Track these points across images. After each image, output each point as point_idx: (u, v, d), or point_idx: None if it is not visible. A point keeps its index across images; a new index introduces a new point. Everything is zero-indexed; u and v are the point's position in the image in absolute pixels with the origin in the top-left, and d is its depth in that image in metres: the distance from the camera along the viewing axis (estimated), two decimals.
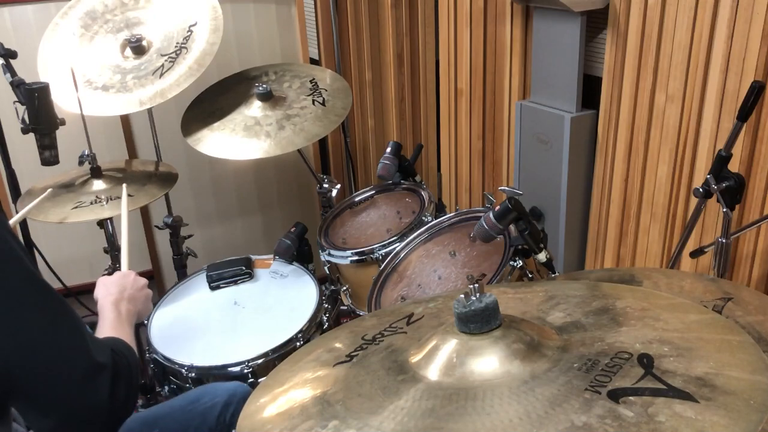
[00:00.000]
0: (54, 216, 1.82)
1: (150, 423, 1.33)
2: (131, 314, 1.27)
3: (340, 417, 0.78)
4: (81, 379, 0.96)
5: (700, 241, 1.66)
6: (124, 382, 1.01)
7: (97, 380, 0.97)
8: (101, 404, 0.97)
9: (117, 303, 1.26)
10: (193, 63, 2.02)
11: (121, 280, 1.32)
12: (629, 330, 0.82)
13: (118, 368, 1.00)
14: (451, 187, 2.57)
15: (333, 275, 1.99)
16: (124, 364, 1.03)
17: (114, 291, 1.28)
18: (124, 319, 1.24)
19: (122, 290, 1.29)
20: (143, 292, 1.35)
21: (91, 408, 0.97)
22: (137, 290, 1.33)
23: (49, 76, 1.99)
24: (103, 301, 1.26)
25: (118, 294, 1.28)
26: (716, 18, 1.53)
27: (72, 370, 0.96)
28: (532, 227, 1.42)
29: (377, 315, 1.08)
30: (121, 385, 1.00)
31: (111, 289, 1.29)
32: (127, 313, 1.26)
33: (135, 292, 1.32)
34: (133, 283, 1.33)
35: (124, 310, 1.26)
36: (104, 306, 1.25)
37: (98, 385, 0.97)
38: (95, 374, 0.98)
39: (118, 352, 1.05)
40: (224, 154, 2.04)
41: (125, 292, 1.29)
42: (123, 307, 1.26)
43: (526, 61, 2.10)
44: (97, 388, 0.97)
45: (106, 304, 1.25)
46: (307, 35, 2.79)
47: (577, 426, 0.66)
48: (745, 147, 1.53)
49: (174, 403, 1.42)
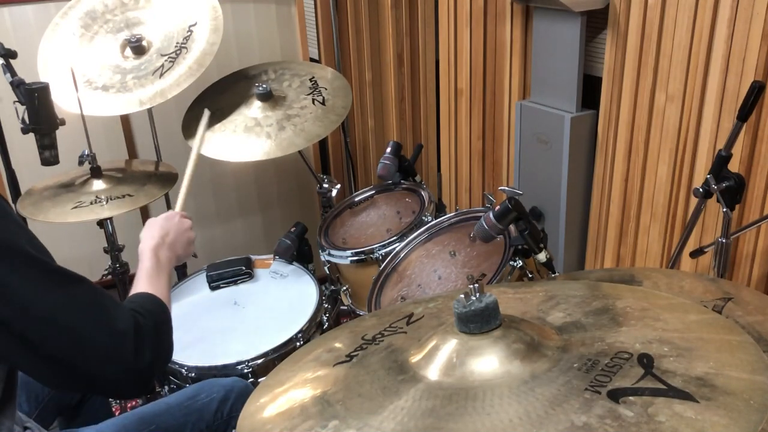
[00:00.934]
0: (54, 216, 1.82)
1: (147, 420, 1.33)
2: (170, 261, 1.27)
3: (340, 417, 0.78)
4: (104, 351, 0.96)
5: (700, 241, 1.66)
6: (149, 343, 1.01)
7: (120, 348, 0.97)
8: (127, 369, 0.98)
9: (157, 249, 1.25)
10: (193, 63, 2.02)
11: (165, 223, 1.32)
12: (629, 330, 0.82)
13: (140, 331, 1.00)
14: (451, 187, 2.57)
15: (333, 275, 1.99)
16: (149, 326, 1.02)
17: (156, 235, 1.28)
18: (162, 267, 1.23)
19: (165, 234, 1.29)
20: (185, 235, 1.34)
21: (118, 374, 0.98)
22: (180, 233, 1.32)
23: (49, 76, 1.99)
24: (144, 245, 1.26)
25: (160, 239, 1.27)
26: (716, 18, 1.53)
27: (93, 343, 0.96)
28: (532, 227, 1.42)
29: (377, 315, 1.08)
30: (145, 348, 1.00)
31: (154, 232, 1.28)
32: (166, 260, 1.25)
33: (177, 236, 1.31)
34: (178, 225, 1.33)
35: (164, 257, 1.25)
36: (144, 251, 1.25)
37: (122, 354, 0.97)
38: (118, 343, 0.97)
39: (143, 312, 1.04)
40: (225, 156, 2.04)
41: (168, 236, 1.29)
42: (163, 253, 1.25)
43: (526, 61, 2.10)
44: (121, 356, 0.97)
45: (146, 249, 1.25)
46: (307, 35, 2.79)
47: (577, 426, 0.66)
48: (745, 147, 1.53)
49: (171, 399, 1.42)
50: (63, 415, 1.59)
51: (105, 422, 1.32)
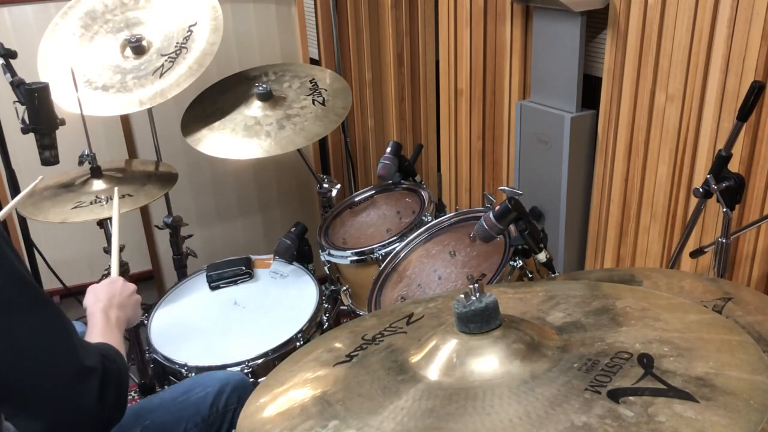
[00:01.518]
0: (54, 216, 1.82)
1: (142, 415, 1.32)
2: (121, 320, 1.27)
3: (340, 417, 0.78)
4: (69, 383, 0.96)
5: (700, 241, 1.66)
6: (113, 386, 1.01)
7: (85, 384, 0.97)
8: (90, 408, 0.97)
9: (106, 309, 1.25)
10: (193, 63, 2.02)
11: (109, 287, 1.31)
12: (629, 330, 0.82)
13: (107, 372, 1.00)
14: (451, 187, 2.57)
15: (333, 275, 1.99)
16: (114, 369, 1.03)
17: (103, 298, 1.28)
18: (114, 325, 1.23)
19: (111, 297, 1.29)
20: (132, 298, 1.34)
21: (80, 412, 0.97)
22: (126, 297, 1.32)
23: (49, 76, 1.99)
24: (93, 308, 1.26)
25: (107, 301, 1.27)
26: (716, 18, 1.53)
27: (60, 373, 0.95)
28: (532, 227, 1.42)
29: (377, 315, 1.08)
30: (110, 390, 1.00)
31: (100, 296, 1.28)
32: (116, 319, 1.25)
33: (124, 298, 1.31)
34: (122, 289, 1.33)
35: (114, 316, 1.25)
36: (93, 313, 1.25)
37: (87, 389, 0.97)
38: (84, 378, 0.97)
39: (108, 356, 1.05)
40: (224, 154, 2.04)
41: (114, 298, 1.29)
42: (112, 313, 1.25)
43: (526, 61, 2.10)
44: (86, 392, 0.97)
45: (95, 311, 1.25)
46: (307, 35, 2.79)
47: (577, 426, 0.66)
48: (745, 147, 1.53)
49: (166, 394, 1.42)
50: None
51: None
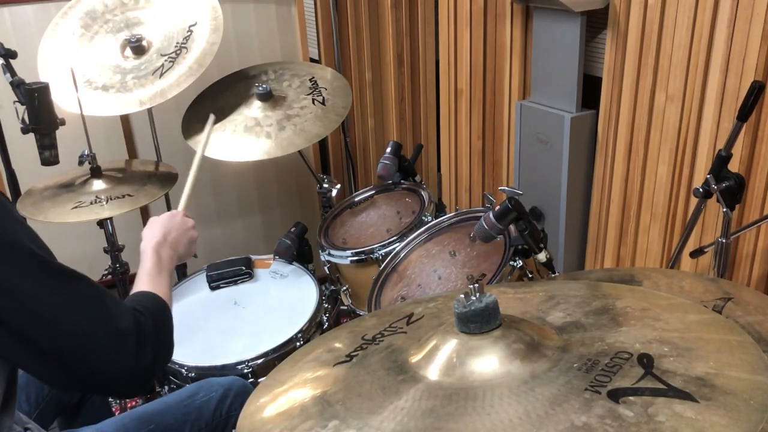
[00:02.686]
0: (54, 216, 1.82)
1: (146, 419, 1.33)
2: (172, 260, 1.27)
3: (340, 417, 0.78)
4: (105, 350, 0.96)
5: (700, 241, 1.66)
6: (149, 342, 1.01)
7: (121, 347, 0.97)
8: (128, 368, 0.98)
9: (159, 247, 1.25)
10: (193, 63, 2.02)
11: (168, 221, 1.31)
12: (629, 330, 0.82)
13: (141, 330, 1.00)
14: (451, 187, 2.57)
15: (333, 275, 1.99)
16: (149, 324, 1.02)
17: (158, 234, 1.27)
18: (164, 266, 1.23)
19: (167, 233, 1.28)
20: (188, 234, 1.34)
21: (119, 373, 0.98)
22: (182, 232, 1.32)
23: (49, 76, 1.99)
24: (146, 244, 1.26)
25: (162, 237, 1.27)
26: (716, 18, 1.53)
27: (94, 342, 0.96)
28: (532, 227, 1.42)
29: (377, 315, 1.08)
30: (146, 347, 1.00)
31: (156, 231, 1.28)
32: (168, 259, 1.25)
33: (179, 234, 1.31)
34: (180, 224, 1.33)
35: (166, 255, 1.25)
36: (146, 249, 1.25)
37: (123, 352, 0.97)
38: (119, 342, 0.97)
39: (144, 311, 1.04)
40: (224, 155, 2.04)
41: (170, 235, 1.29)
42: (164, 252, 1.25)
43: (526, 61, 2.10)
44: (122, 355, 0.97)
45: (148, 248, 1.25)
46: (307, 35, 2.79)
47: (577, 426, 0.66)
48: (745, 147, 1.53)
49: (170, 399, 1.42)
50: (63, 415, 1.59)
51: (104, 422, 1.32)
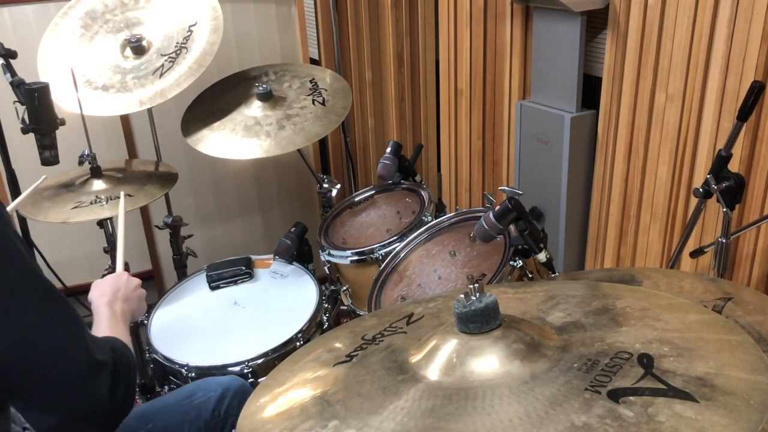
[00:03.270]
0: (54, 216, 1.82)
1: (145, 418, 1.33)
2: (126, 314, 1.28)
3: (340, 417, 0.78)
4: (81, 377, 0.96)
5: (700, 241, 1.66)
6: (123, 380, 1.01)
7: (97, 378, 0.97)
8: (102, 402, 0.97)
9: (111, 303, 1.26)
10: (193, 63, 2.02)
11: (114, 281, 1.32)
12: (629, 330, 0.82)
13: (117, 366, 1.01)
14: (451, 187, 2.57)
15: (333, 275, 1.99)
16: (124, 363, 1.03)
17: (107, 291, 1.28)
18: (120, 319, 1.24)
19: (116, 290, 1.30)
20: (137, 292, 1.35)
21: (92, 406, 0.97)
22: (131, 290, 1.33)
23: (49, 76, 1.99)
24: (97, 302, 1.27)
25: (112, 295, 1.28)
26: (716, 18, 1.53)
27: (72, 367, 0.96)
28: (532, 227, 1.42)
29: (377, 315, 1.08)
30: (120, 384, 1.00)
31: (104, 290, 1.29)
32: (122, 312, 1.26)
33: (129, 292, 1.32)
34: (127, 283, 1.34)
35: (119, 309, 1.26)
36: (99, 307, 1.26)
37: (99, 383, 0.97)
38: (96, 372, 0.98)
39: (117, 350, 1.05)
40: (224, 154, 2.04)
41: (119, 292, 1.30)
42: (117, 306, 1.26)
43: (526, 61, 2.10)
44: (98, 386, 0.97)
45: (100, 305, 1.26)
46: (307, 35, 2.79)
47: (577, 426, 0.66)
48: (745, 147, 1.53)
49: (169, 398, 1.42)
50: None
51: None
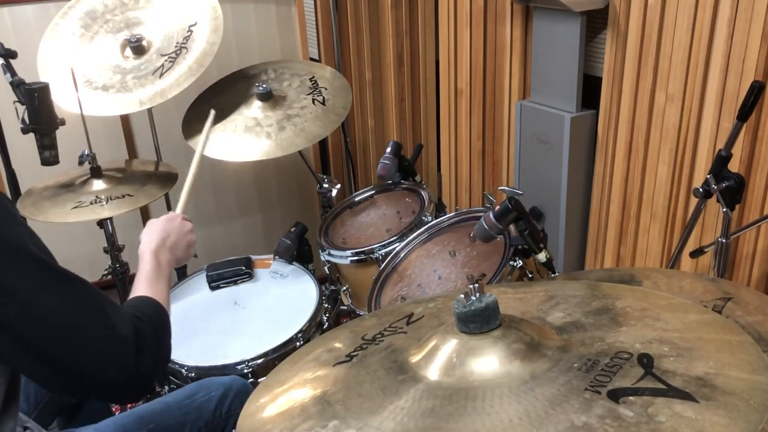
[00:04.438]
0: (54, 216, 1.82)
1: (146, 419, 1.33)
2: (170, 263, 1.27)
3: (340, 417, 0.78)
4: (105, 355, 0.96)
5: (700, 241, 1.66)
6: (149, 349, 1.01)
7: (121, 353, 0.97)
8: (128, 375, 0.98)
9: (157, 251, 1.25)
10: (193, 63, 2.02)
11: (166, 225, 1.31)
12: (629, 330, 0.82)
13: (141, 336, 1.00)
14: (451, 187, 2.57)
15: (333, 275, 1.99)
16: (149, 331, 1.03)
17: (156, 237, 1.27)
18: (162, 270, 1.23)
19: (165, 237, 1.29)
20: (186, 238, 1.34)
21: (119, 380, 0.98)
22: (181, 236, 1.32)
23: (49, 76, 1.99)
24: (145, 247, 1.26)
25: (160, 241, 1.27)
26: (716, 18, 1.53)
27: (95, 347, 0.96)
28: (532, 227, 1.42)
29: (377, 315, 1.08)
30: (146, 353, 1.00)
31: (154, 234, 1.28)
32: (166, 262, 1.25)
33: (178, 238, 1.31)
34: (179, 228, 1.33)
35: (164, 259, 1.25)
36: (144, 253, 1.25)
37: (123, 358, 0.97)
38: (119, 348, 0.97)
39: (143, 317, 1.04)
40: (224, 155, 2.04)
41: (168, 239, 1.29)
42: (163, 256, 1.25)
43: (526, 61, 2.10)
44: (122, 361, 0.97)
45: (146, 251, 1.25)
46: (307, 35, 2.79)
47: (577, 426, 0.66)
48: (745, 147, 1.53)
49: (170, 398, 1.42)
50: (62, 414, 1.59)
51: (104, 421, 1.32)
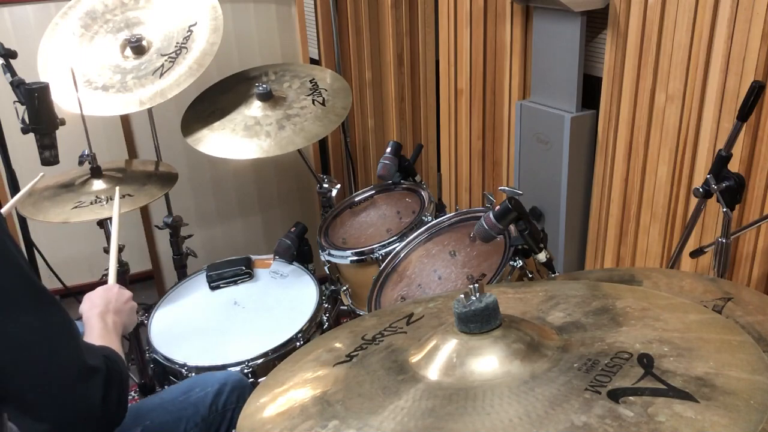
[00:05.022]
0: (54, 216, 1.82)
1: (141, 416, 1.33)
2: (117, 326, 1.27)
3: (340, 417, 0.78)
4: (74, 382, 0.96)
5: (700, 241, 1.66)
6: (116, 387, 1.01)
7: (89, 383, 0.97)
8: (94, 408, 0.97)
9: (103, 315, 1.26)
10: (193, 63, 2.02)
11: (105, 294, 1.32)
12: (629, 330, 0.82)
13: (110, 373, 1.00)
14: (451, 187, 2.57)
15: (333, 275, 1.99)
16: (117, 370, 1.03)
17: (99, 303, 1.28)
18: (112, 330, 1.24)
19: (107, 303, 1.29)
20: (128, 304, 1.35)
21: (84, 411, 0.97)
22: (122, 303, 1.33)
23: (49, 76, 1.99)
24: (89, 313, 1.26)
25: (104, 306, 1.27)
26: (716, 18, 1.53)
27: (65, 372, 0.96)
28: (532, 227, 1.42)
29: (377, 315, 1.08)
30: (113, 391, 1.00)
31: (96, 302, 1.29)
32: (113, 324, 1.26)
33: (120, 304, 1.32)
34: (118, 295, 1.33)
35: (111, 321, 1.26)
36: (90, 318, 1.25)
37: (91, 389, 0.97)
38: (88, 377, 0.97)
39: (110, 358, 1.05)
40: (224, 154, 2.04)
41: (110, 304, 1.29)
42: (109, 319, 1.26)
43: (526, 61, 2.10)
44: (90, 392, 0.97)
45: (92, 316, 1.25)
46: (307, 35, 2.79)
47: (577, 426, 0.66)
48: (745, 147, 1.53)
49: (165, 394, 1.42)
50: None
51: None
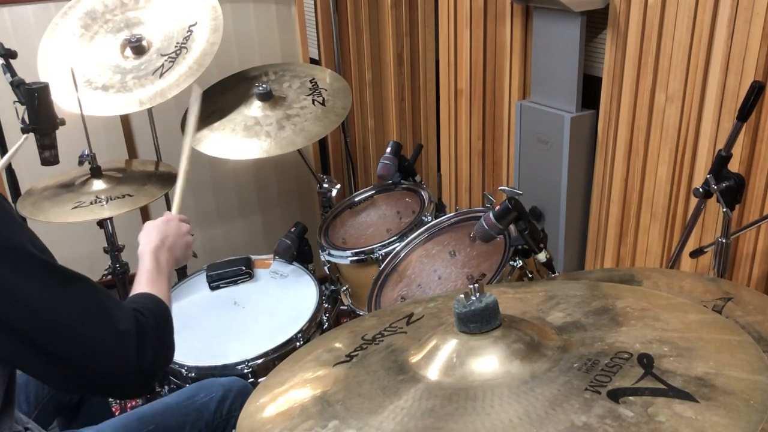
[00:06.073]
0: (54, 216, 1.82)
1: (146, 420, 1.33)
2: (169, 263, 1.28)
3: (340, 417, 0.78)
4: (106, 350, 0.96)
5: (700, 241, 1.66)
6: (150, 342, 1.01)
7: (122, 348, 0.97)
8: (130, 369, 0.98)
9: (156, 251, 1.25)
10: (193, 63, 2.02)
11: (164, 226, 1.32)
12: (629, 330, 0.82)
13: (142, 330, 1.00)
14: (451, 187, 2.57)
15: (333, 275, 1.99)
16: (150, 325, 1.03)
17: (155, 238, 1.28)
18: (163, 269, 1.24)
19: (164, 237, 1.29)
20: (184, 238, 1.35)
21: (120, 374, 0.98)
22: (179, 237, 1.33)
23: (49, 76, 1.99)
24: (144, 248, 1.27)
25: (159, 242, 1.27)
26: (716, 18, 1.53)
27: (96, 343, 0.96)
28: (532, 227, 1.42)
29: (377, 315, 1.08)
30: (147, 347, 1.00)
31: (152, 236, 1.29)
32: (166, 262, 1.26)
33: (176, 239, 1.32)
34: (176, 229, 1.33)
35: (164, 259, 1.26)
36: (144, 254, 1.25)
37: (124, 353, 0.97)
38: (120, 342, 0.97)
39: (144, 311, 1.04)
40: (224, 154, 2.04)
41: (167, 239, 1.29)
42: (162, 256, 1.26)
43: (526, 61, 2.10)
44: (123, 356, 0.97)
45: (145, 251, 1.25)
46: (307, 35, 2.79)
47: (577, 426, 0.66)
48: (745, 147, 1.53)
49: (170, 399, 1.42)
50: (62, 415, 1.59)
51: (104, 423, 1.32)
